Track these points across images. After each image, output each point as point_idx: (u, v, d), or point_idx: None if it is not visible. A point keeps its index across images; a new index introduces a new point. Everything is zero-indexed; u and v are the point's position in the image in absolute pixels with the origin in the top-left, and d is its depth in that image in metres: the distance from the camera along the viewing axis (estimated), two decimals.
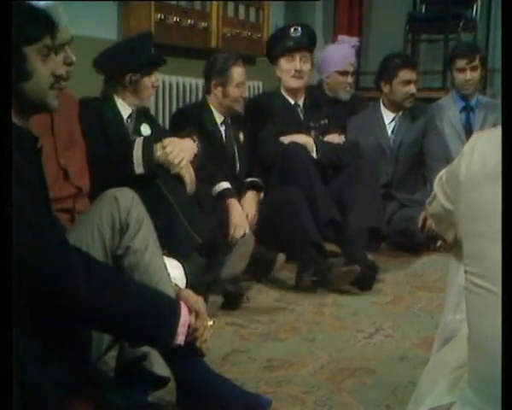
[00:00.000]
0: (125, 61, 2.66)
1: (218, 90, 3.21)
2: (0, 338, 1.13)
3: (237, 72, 3.20)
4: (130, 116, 2.69)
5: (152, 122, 2.86)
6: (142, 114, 2.77)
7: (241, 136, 3.32)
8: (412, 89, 3.68)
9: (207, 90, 3.26)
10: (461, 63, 3.92)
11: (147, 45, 2.73)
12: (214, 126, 3.23)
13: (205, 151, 2.81)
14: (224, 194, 3.04)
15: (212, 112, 3.24)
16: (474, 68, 3.92)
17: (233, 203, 3.03)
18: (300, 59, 3.43)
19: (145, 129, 2.75)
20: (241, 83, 3.21)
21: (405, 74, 3.67)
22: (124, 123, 2.68)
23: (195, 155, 2.63)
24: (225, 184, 3.05)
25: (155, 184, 2.45)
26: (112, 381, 1.74)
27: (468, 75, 3.92)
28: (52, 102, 1.52)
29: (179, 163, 2.51)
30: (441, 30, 5.09)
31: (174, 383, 1.67)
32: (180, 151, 2.52)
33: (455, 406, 1.23)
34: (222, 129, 3.25)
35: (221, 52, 3.44)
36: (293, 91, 3.49)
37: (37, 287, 1.32)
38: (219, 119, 3.25)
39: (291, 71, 3.43)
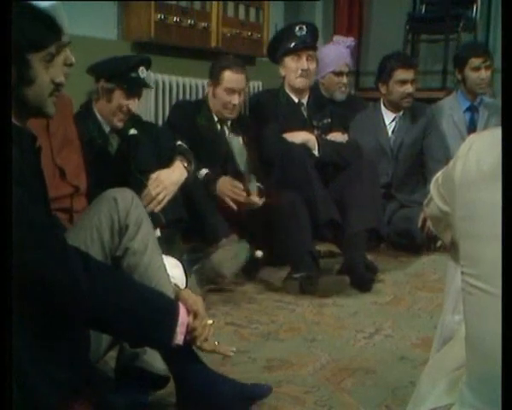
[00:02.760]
0: (104, 66, 2.65)
1: (210, 91, 3.21)
2: None
3: (229, 76, 3.14)
4: (110, 132, 2.69)
5: (141, 126, 2.85)
6: (130, 120, 2.76)
7: (241, 137, 3.29)
8: (408, 88, 3.68)
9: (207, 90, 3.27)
10: (476, 62, 3.90)
11: (132, 62, 2.66)
12: (210, 123, 3.22)
13: (194, 146, 2.84)
14: (208, 179, 3.02)
15: (209, 109, 3.23)
16: (487, 67, 3.92)
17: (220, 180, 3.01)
18: (307, 58, 3.43)
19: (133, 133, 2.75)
20: (230, 89, 3.14)
21: (401, 74, 3.67)
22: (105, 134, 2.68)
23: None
24: (205, 170, 3.03)
25: None
26: (112, 381, 1.75)
27: (482, 74, 3.91)
28: (49, 109, 1.51)
29: (159, 202, 2.49)
30: (441, 30, 5.08)
31: (174, 383, 1.67)
32: (163, 189, 2.50)
33: (454, 407, 1.23)
34: (218, 127, 3.24)
35: (228, 54, 3.42)
36: (299, 90, 3.49)
37: (36, 287, 1.32)
38: (216, 117, 3.24)
39: (298, 70, 3.43)
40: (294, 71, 3.44)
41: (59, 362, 1.40)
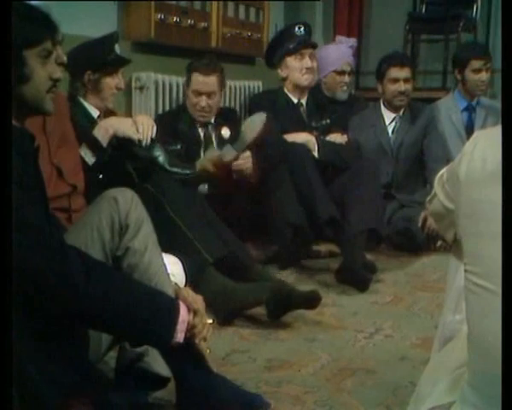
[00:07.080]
0: (84, 59, 2.64)
1: (185, 92, 3.19)
2: None
3: (196, 78, 3.08)
4: (98, 117, 2.68)
5: None
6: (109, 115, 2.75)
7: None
8: (400, 87, 3.68)
9: None
10: (477, 64, 3.92)
11: (108, 45, 2.68)
12: (190, 127, 3.16)
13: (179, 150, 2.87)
14: None
15: (188, 112, 3.18)
16: (488, 69, 3.93)
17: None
18: (309, 56, 3.49)
19: None
20: (197, 91, 3.07)
21: (393, 72, 3.69)
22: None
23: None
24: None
25: (161, 205, 2.46)
26: (112, 381, 1.74)
27: (483, 76, 3.93)
28: (48, 106, 1.51)
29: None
30: (441, 30, 5.09)
31: (174, 383, 1.66)
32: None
33: (455, 405, 1.23)
34: (198, 130, 3.18)
35: (210, 53, 3.38)
36: (300, 90, 3.51)
37: (35, 287, 1.32)
38: (195, 119, 3.17)
39: (302, 69, 3.48)
40: (299, 70, 3.49)
41: (59, 362, 1.41)
